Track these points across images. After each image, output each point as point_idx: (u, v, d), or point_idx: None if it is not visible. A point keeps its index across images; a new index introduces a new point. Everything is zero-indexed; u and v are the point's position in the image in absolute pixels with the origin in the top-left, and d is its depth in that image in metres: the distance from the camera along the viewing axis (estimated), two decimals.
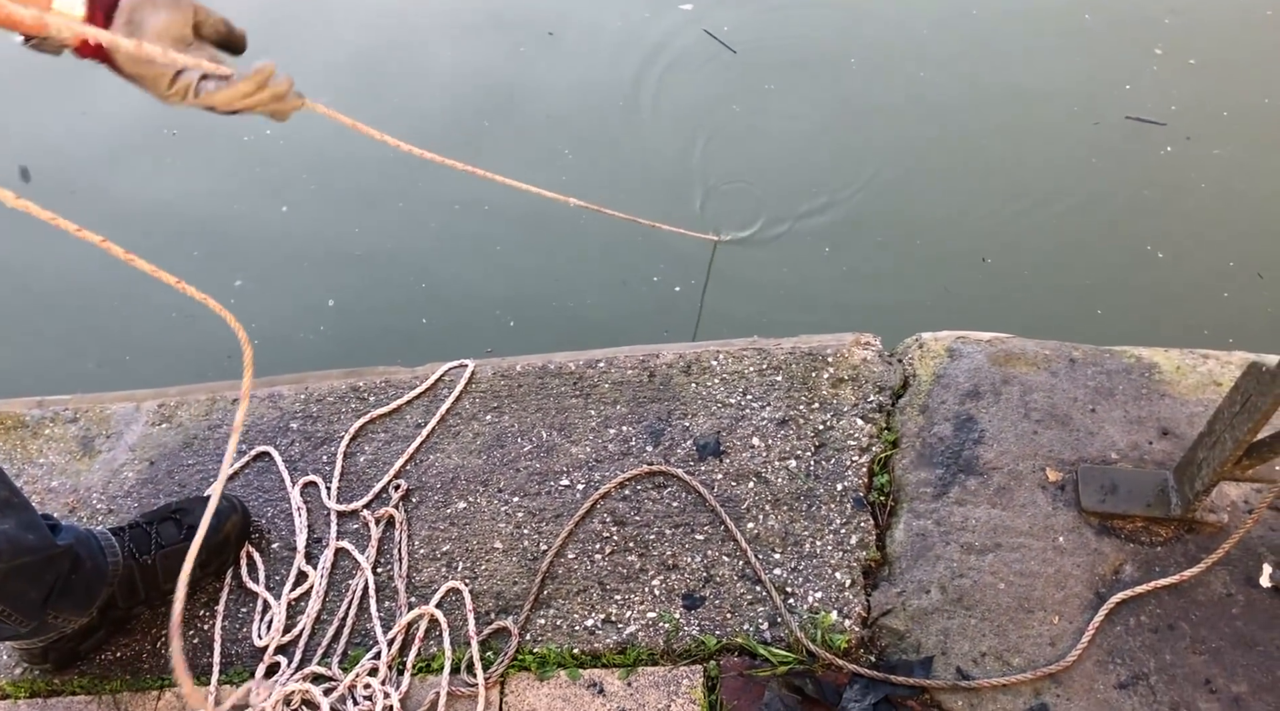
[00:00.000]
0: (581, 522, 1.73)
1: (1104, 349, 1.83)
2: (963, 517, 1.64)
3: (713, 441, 1.80)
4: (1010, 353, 1.85)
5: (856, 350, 1.89)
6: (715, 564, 1.65)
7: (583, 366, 1.96)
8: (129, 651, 1.65)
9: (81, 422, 2.00)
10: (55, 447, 1.95)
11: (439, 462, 1.84)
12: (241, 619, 1.68)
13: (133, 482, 1.88)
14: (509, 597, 1.65)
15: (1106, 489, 1.62)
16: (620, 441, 1.83)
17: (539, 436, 1.86)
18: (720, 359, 1.91)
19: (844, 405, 1.81)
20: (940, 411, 1.78)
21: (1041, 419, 1.74)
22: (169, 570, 1.66)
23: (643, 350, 1.97)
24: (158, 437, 1.94)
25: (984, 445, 1.72)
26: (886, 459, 1.74)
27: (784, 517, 1.68)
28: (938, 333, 1.91)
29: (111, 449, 1.94)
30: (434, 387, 1.96)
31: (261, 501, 1.82)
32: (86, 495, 1.87)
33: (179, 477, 1.88)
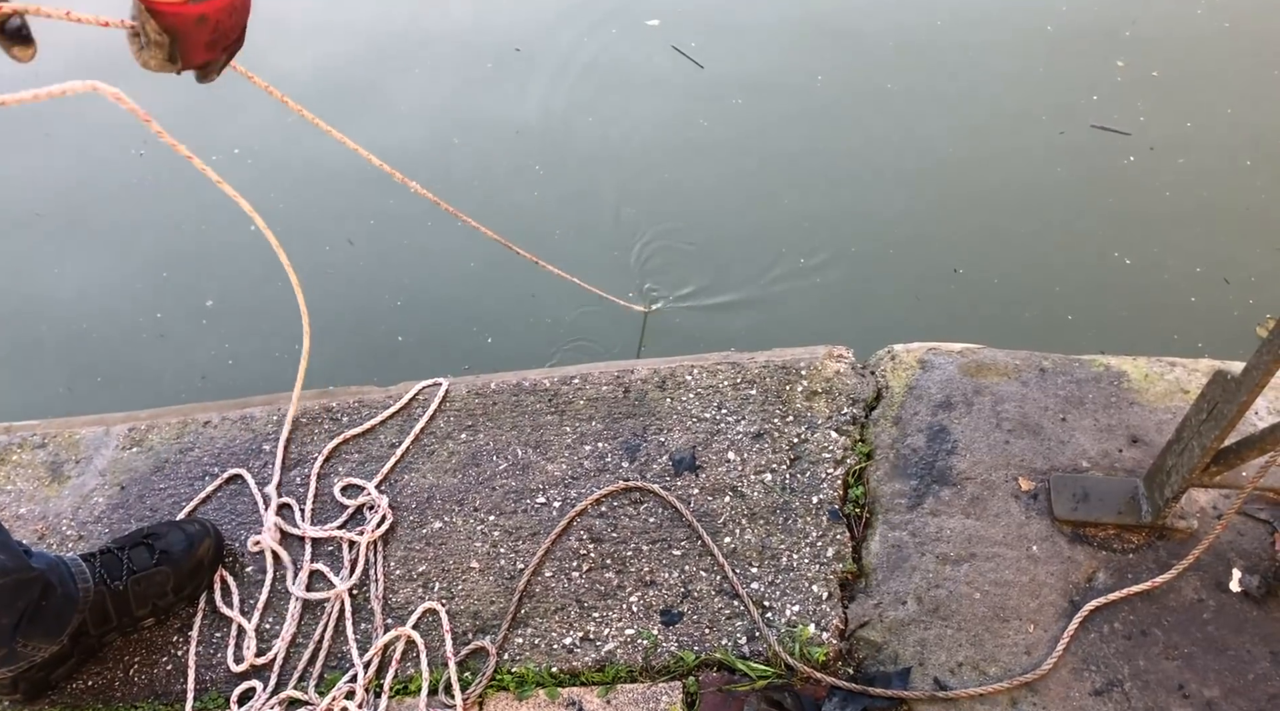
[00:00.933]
0: (558, 540, 1.73)
1: (1073, 358, 1.85)
2: (937, 528, 1.65)
3: (688, 456, 1.80)
4: (981, 363, 1.87)
5: (830, 363, 1.90)
6: (693, 579, 1.65)
7: (557, 383, 1.95)
8: (101, 679, 1.63)
9: (50, 448, 1.97)
10: (23, 474, 1.93)
11: (414, 482, 1.83)
12: (216, 644, 1.66)
13: (103, 508, 1.86)
14: (486, 617, 1.64)
15: (1078, 497, 1.64)
16: (596, 458, 1.83)
17: (514, 454, 1.86)
18: (695, 374, 1.92)
19: (818, 418, 1.82)
20: (913, 422, 1.79)
21: (1013, 428, 1.76)
22: (141, 596, 1.65)
23: (617, 366, 1.97)
24: (128, 462, 1.92)
25: (957, 455, 1.74)
26: (861, 471, 1.75)
27: (760, 531, 1.68)
28: (909, 344, 1.92)
29: (81, 474, 1.92)
30: (408, 407, 1.95)
31: (235, 524, 1.81)
32: (56, 522, 1.85)
33: (150, 502, 1.86)
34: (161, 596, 1.67)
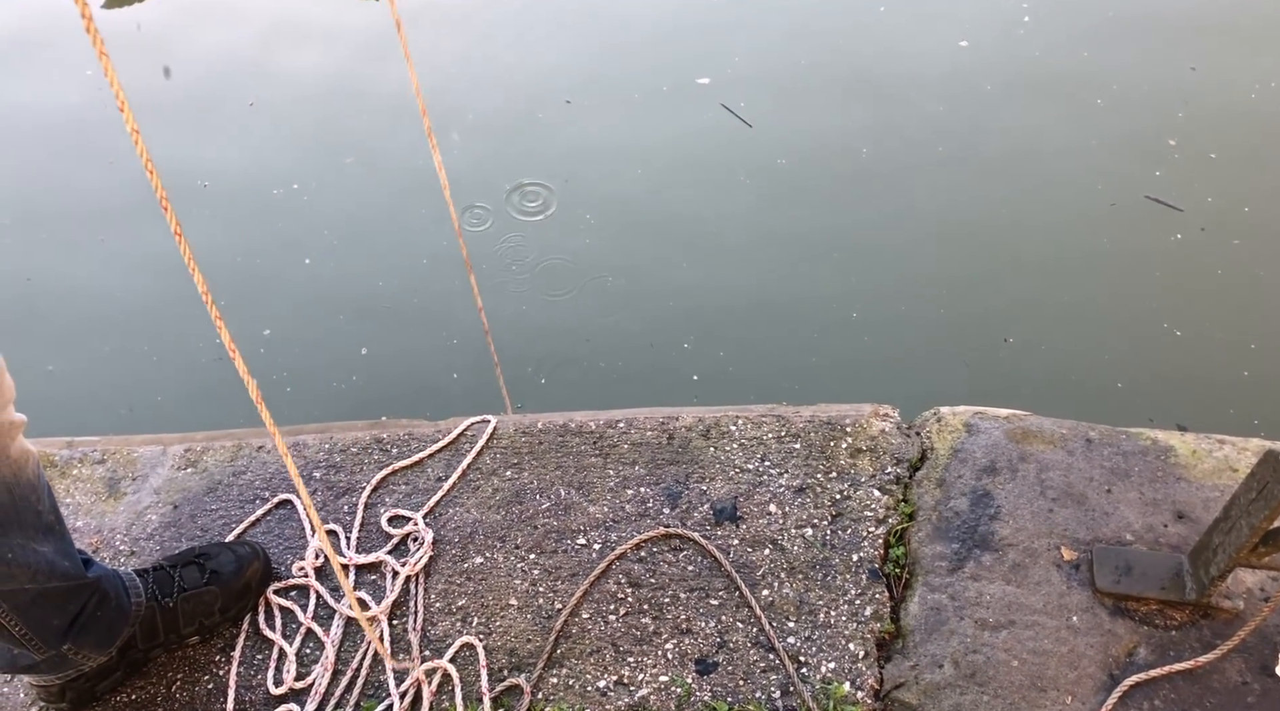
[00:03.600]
0: (597, 582, 1.74)
1: (1120, 430, 1.85)
2: (977, 593, 1.65)
3: (730, 506, 1.82)
4: (1028, 430, 1.87)
5: (875, 421, 1.91)
6: (729, 630, 1.65)
7: (603, 426, 1.98)
8: (144, 694, 1.66)
9: (109, 464, 2.03)
10: (82, 488, 1.99)
11: (458, 517, 1.87)
12: (257, 665, 1.69)
13: (156, 525, 1.91)
14: (522, 655, 1.66)
15: (1121, 570, 1.63)
16: (638, 502, 1.85)
17: (557, 494, 1.88)
18: (739, 424, 1.94)
19: (861, 475, 1.83)
20: (957, 486, 1.79)
21: (1057, 497, 1.75)
22: (189, 614, 1.68)
23: (663, 412, 2.00)
24: (182, 482, 1.98)
25: (1000, 521, 1.73)
26: (903, 531, 1.75)
27: (799, 586, 1.69)
28: (956, 407, 1.93)
29: (137, 491, 1.97)
30: (456, 442, 1.99)
31: (282, 549, 1.85)
32: (110, 536, 1.90)
33: (201, 522, 1.91)
34: (208, 615, 1.70)
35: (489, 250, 3.09)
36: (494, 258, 3.07)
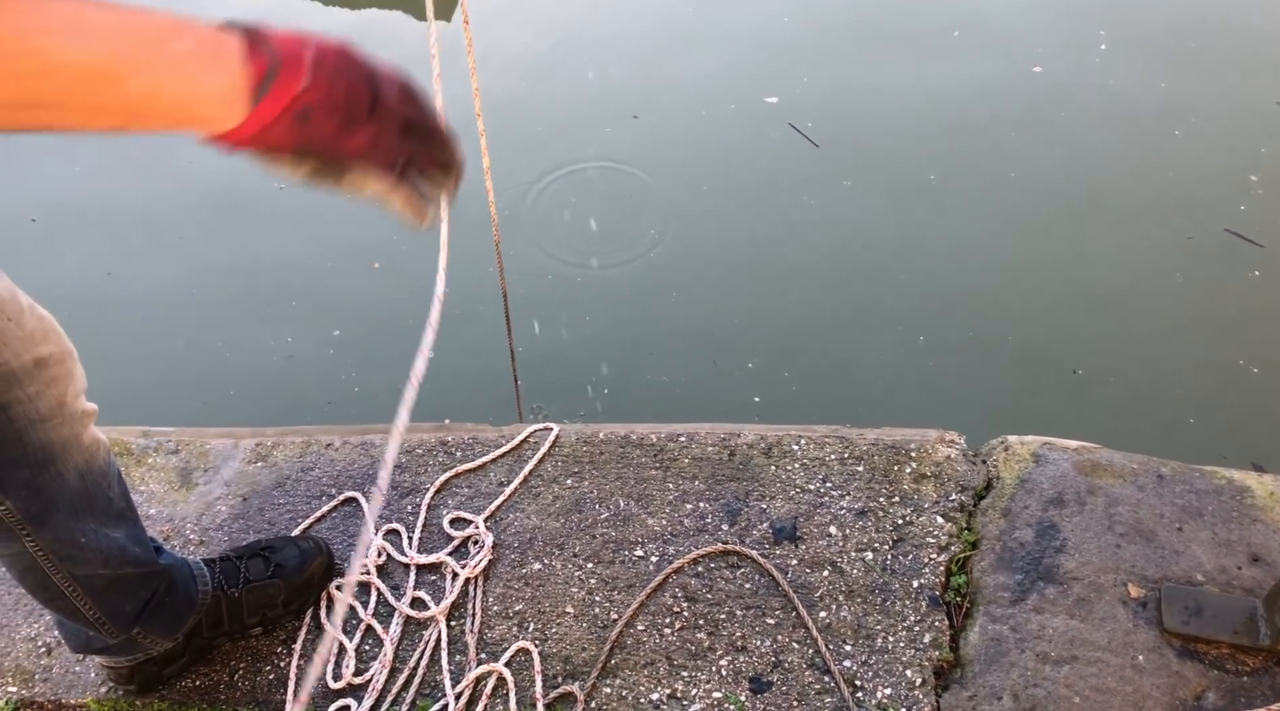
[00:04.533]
0: (653, 595, 1.75)
1: (1194, 467, 1.81)
2: (1039, 626, 1.62)
3: (789, 526, 1.81)
4: (1097, 463, 1.84)
5: (940, 447, 1.89)
6: (785, 650, 1.65)
7: (664, 439, 1.99)
8: (208, 680, 1.70)
9: (182, 454, 2.09)
10: (156, 476, 2.05)
11: (518, 522, 1.88)
12: None
13: (225, 516, 1.96)
14: (577, 663, 1.67)
15: (1191, 610, 1.59)
16: (696, 517, 1.85)
17: (617, 505, 1.89)
18: (802, 444, 1.93)
19: (925, 501, 1.81)
20: (1022, 516, 1.76)
21: (1126, 533, 1.72)
22: (253, 605, 1.72)
23: (725, 428, 2.00)
24: (252, 475, 2.03)
25: (1065, 554, 1.70)
26: (965, 559, 1.73)
27: (857, 609, 1.67)
28: (1024, 436, 1.90)
29: (208, 482, 2.03)
30: (519, 448, 2.01)
31: (345, 545, 1.88)
32: (181, 525, 1.95)
33: (269, 515, 1.95)
34: (271, 607, 1.74)
35: (552, 259, 3.12)
36: (558, 266, 3.10)
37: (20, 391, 1.25)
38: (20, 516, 1.34)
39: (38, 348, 1.27)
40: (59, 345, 1.32)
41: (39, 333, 1.28)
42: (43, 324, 1.30)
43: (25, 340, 1.25)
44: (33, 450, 1.30)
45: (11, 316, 1.24)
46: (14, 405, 1.26)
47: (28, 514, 1.34)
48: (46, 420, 1.30)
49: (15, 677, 1.74)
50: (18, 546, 1.38)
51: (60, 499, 1.36)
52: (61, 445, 1.34)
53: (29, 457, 1.30)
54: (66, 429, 1.34)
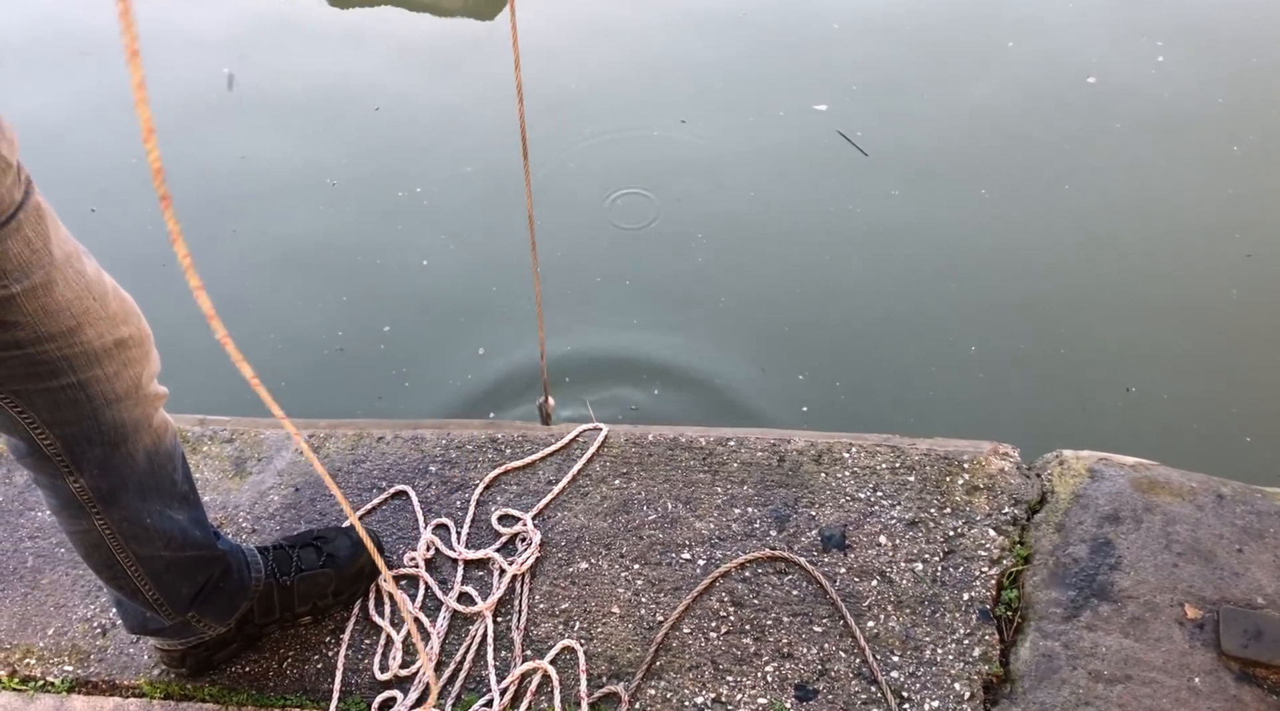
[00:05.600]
0: (699, 598, 1.75)
1: (1256, 488, 1.77)
2: (1092, 644, 1.60)
3: (838, 534, 1.80)
4: (1154, 480, 1.81)
5: (994, 459, 1.87)
6: (831, 658, 1.64)
7: (713, 443, 1.99)
8: (257, 667, 1.73)
9: (237, 443, 2.12)
10: (211, 464, 2.08)
11: (566, 521, 1.89)
12: (364, 650, 1.74)
13: (277, 506, 1.98)
14: (621, 663, 1.67)
15: (1250, 634, 1.56)
16: (744, 522, 1.85)
17: (664, 507, 1.89)
18: (853, 452, 1.92)
19: (977, 514, 1.79)
20: (1077, 532, 1.74)
21: (1183, 552, 1.69)
22: (304, 594, 1.74)
23: (774, 434, 1.99)
24: (305, 466, 2.05)
25: (1120, 572, 1.68)
26: (1017, 574, 1.71)
27: (906, 620, 1.66)
28: (1080, 451, 1.88)
29: (261, 472, 2.05)
30: (568, 447, 2.02)
31: (395, 538, 1.90)
32: (234, 513, 1.98)
33: (320, 506, 1.97)
34: (322, 597, 1.76)
35: (604, 262, 3.13)
36: (608, 270, 3.11)
37: (99, 370, 1.28)
38: (91, 494, 1.37)
39: (119, 328, 1.30)
40: (139, 327, 1.35)
41: (120, 314, 1.31)
42: (124, 305, 1.33)
43: (108, 320, 1.28)
44: (107, 429, 1.33)
45: (97, 297, 1.27)
46: (93, 383, 1.29)
47: (98, 492, 1.37)
48: (122, 400, 1.33)
49: (71, 657, 1.78)
50: (87, 523, 1.41)
51: (130, 478, 1.39)
52: (133, 425, 1.37)
53: (103, 436, 1.33)
54: (139, 410, 1.37)
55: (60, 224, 1.24)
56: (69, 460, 1.33)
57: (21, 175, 1.16)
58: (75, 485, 1.35)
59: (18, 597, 1.88)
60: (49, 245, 1.19)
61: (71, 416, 1.29)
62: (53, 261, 1.20)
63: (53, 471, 1.34)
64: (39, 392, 1.25)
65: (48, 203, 1.21)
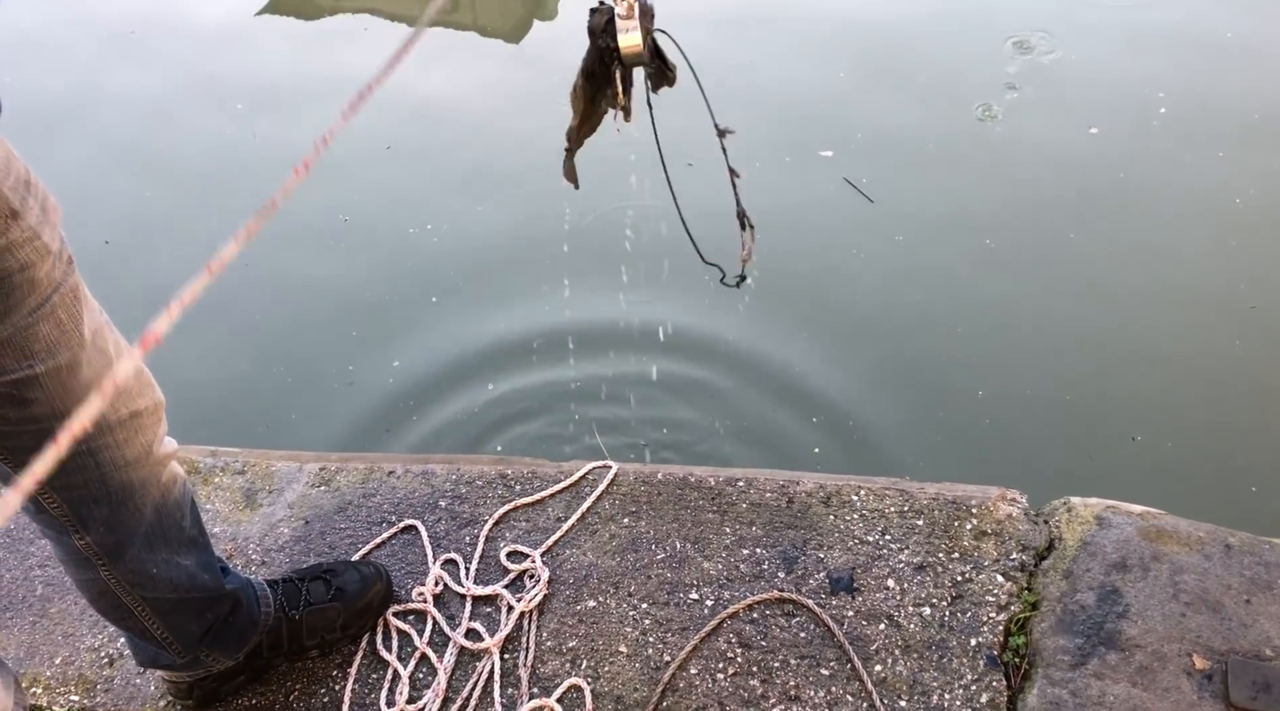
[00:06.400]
0: (707, 639, 1.75)
1: (1263, 539, 1.78)
2: (1100, 692, 1.59)
3: (847, 577, 1.80)
4: (1162, 529, 1.82)
5: (1002, 505, 1.88)
6: (838, 702, 1.63)
7: (722, 483, 2.00)
8: (264, 700, 1.73)
9: (248, 475, 2.13)
10: (222, 496, 2.09)
11: (574, 558, 1.90)
12: (371, 684, 1.74)
13: (287, 538, 1.99)
14: (628, 703, 1.67)
15: (1259, 686, 1.56)
16: (753, 563, 1.85)
17: (673, 546, 1.90)
18: (861, 494, 1.93)
19: (985, 559, 1.80)
20: (1084, 579, 1.75)
21: (1191, 602, 1.69)
22: (312, 627, 1.75)
23: (784, 475, 2.00)
24: (315, 499, 2.06)
25: (1128, 620, 1.68)
26: (1024, 620, 1.71)
27: (913, 664, 1.66)
28: (1087, 499, 1.89)
29: (272, 504, 2.06)
30: (577, 485, 2.03)
31: (403, 573, 1.90)
32: (244, 544, 1.99)
33: (330, 539, 1.98)
34: (330, 631, 1.76)
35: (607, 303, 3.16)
36: (613, 309, 3.13)
37: (110, 438, 1.29)
38: (98, 550, 1.38)
39: (135, 402, 1.32)
40: (153, 398, 1.36)
41: (137, 387, 1.32)
42: (141, 378, 1.34)
43: (126, 396, 1.30)
44: (115, 490, 1.34)
45: (135, 370, 1.28)
46: (102, 450, 1.29)
47: (104, 547, 1.38)
48: (132, 465, 1.34)
49: (78, 687, 1.78)
50: (93, 573, 1.42)
51: (136, 532, 1.40)
52: (141, 484, 1.38)
53: (110, 497, 1.34)
54: (148, 470, 1.38)
55: (91, 298, 1.25)
56: (75, 520, 1.33)
57: (63, 256, 1.18)
58: (81, 542, 1.36)
59: (25, 626, 1.88)
60: (79, 326, 1.20)
61: (79, 481, 1.30)
62: (80, 343, 1.21)
63: (59, 528, 1.35)
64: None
65: (82, 279, 1.22)
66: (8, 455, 1.24)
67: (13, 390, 1.17)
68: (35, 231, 1.11)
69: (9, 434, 1.21)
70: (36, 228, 1.11)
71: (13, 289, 1.10)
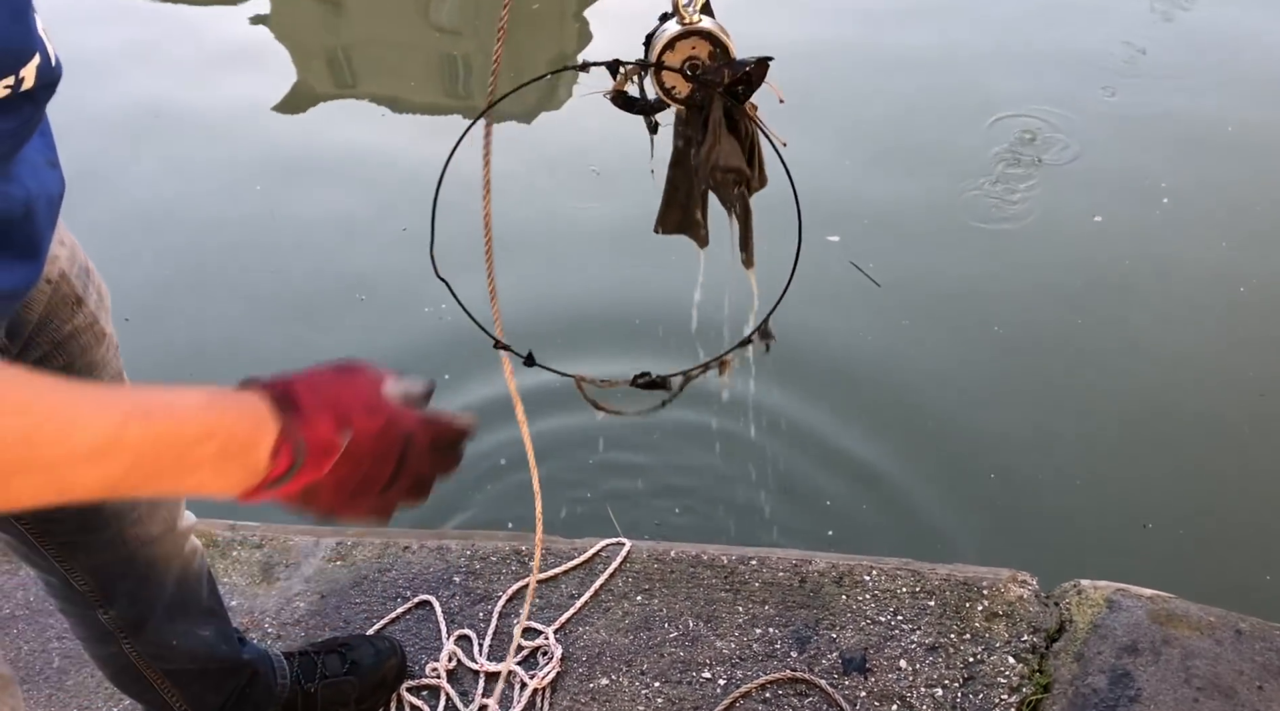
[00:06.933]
0: None
1: (1274, 625, 1.79)
2: None
3: (859, 657, 1.81)
4: (1173, 613, 1.82)
5: (1013, 587, 1.89)
6: None
7: (735, 562, 2.02)
8: None
9: (266, 549, 2.16)
10: (240, 569, 2.11)
11: (587, 636, 1.91)
12: None
13: (303, 612, 2.01)
14: None
15: None
16: (766, 642, 1.86)
17: (685, 625, 1.91)
18: (873, 574, 1.95)
19: (996, 640, 1.81)
20: (1096, 662, 1.75)
21: (1203, 687, 1.69)
22: (328, 701, 1.76)
23: (796, 554, 2.02)
24: (331, 573, 2.08)
25: (1140, 705, 1.68)
26: (1036, 702, 1.71)
27: None
28: (1097, 582, 1.90)
29: (289, 578, 2.09)
30: (590, 561, 2.05)
31: (417, 648, 1.92)
32: (260, 618, 2.01)
33: (345, 613, 2.00)
34: (344, 704, 1.77)
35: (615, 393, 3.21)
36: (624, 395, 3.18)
37: (134, 514, 1.33)
38: (121, 623, 1.41)
39: None
40: None
41: None
42: None
43: None
44: (140, 565, 1.38)
45: None
46: (128, 528, 1.34)
47: (127, 621, 1.41)
48: (156, 540, 1.39)
49: None
50: (114, 648, 1.45)
51: (158, 604, 1.44)
52: (164, 558, 1.42)
53: (135, 571, 1.38)
54: (171, 544, 1.42)
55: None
56: (100, 595, 1.37)
57: (113, 341, 1.25)
58: (105, 616, 1.39)
59: (42, 699, 1.89)
60: None
61: (108, 558, 1.34)
62: None
63: (84, 603, 1.38)
64: (82, 543, 1.30)
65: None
66: (44, 536, 1.27)
67: None
68: (95, 316, 1.18)
69: (52, 516, 1.24)
70: (95, 312, 1.18)
71: (74, 374, 1.15)
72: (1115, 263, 3.67)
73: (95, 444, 0.63)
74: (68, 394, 0.64)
